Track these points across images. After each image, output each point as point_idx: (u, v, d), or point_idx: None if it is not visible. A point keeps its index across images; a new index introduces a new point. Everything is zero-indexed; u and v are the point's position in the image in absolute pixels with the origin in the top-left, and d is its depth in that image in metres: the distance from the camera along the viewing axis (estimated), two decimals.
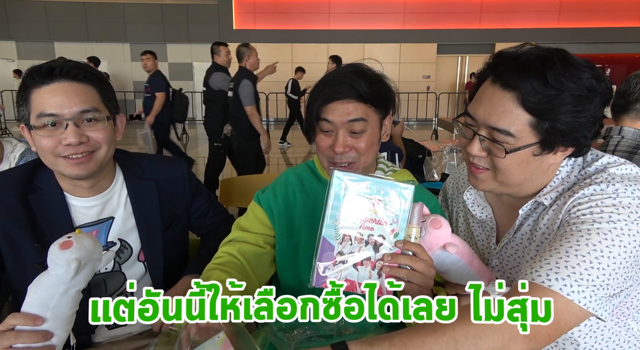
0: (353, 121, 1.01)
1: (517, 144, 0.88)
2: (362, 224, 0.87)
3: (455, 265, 0.92)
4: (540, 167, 0.93)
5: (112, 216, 1.23)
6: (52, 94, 1.05)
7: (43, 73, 1.05)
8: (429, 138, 9.32)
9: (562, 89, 0.83)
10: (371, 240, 0.88)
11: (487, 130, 0.91)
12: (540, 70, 0.84)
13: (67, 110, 1.06)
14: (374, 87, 1.03)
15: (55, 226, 1.14)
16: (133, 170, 1.28)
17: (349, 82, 1.01)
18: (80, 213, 1.19)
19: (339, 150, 1.02)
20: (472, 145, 0.94)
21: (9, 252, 1.15)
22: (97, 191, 1.20)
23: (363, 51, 14.06)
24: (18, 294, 1.22)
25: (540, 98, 0.84)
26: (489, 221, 1.07)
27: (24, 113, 1.08)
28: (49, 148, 1.07)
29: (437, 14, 13.85)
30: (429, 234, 0.89)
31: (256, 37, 13.97)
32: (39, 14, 13.66)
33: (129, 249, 1.24)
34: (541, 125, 0.86)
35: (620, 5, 13.38)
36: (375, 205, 0.87)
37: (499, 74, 0.89)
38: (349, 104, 1.01)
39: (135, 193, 1.25)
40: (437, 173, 3.12)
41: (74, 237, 0.91)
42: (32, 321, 0.86)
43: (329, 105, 1.02)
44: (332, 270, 0.88)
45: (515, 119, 0.86)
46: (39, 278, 0.90)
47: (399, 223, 0.87)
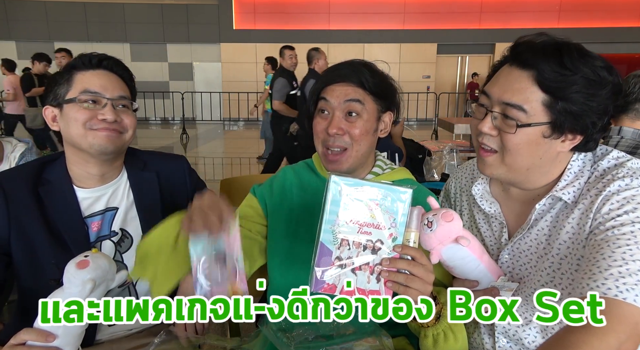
0: (349, 101, 1.03)
1: (528, 120, 0.89)
2: (360, 228, 0.87)
3: (465, 259, 0.91)
4: (548, 153, 0.93)
5: (117, 207, 1.27)
6: (97, 77, 1.20)
7: (93, 60, 1.21)
8: (429, 138, 9.33)
9: (576, 71, 0.86)
10: (369, 245, 0.87)
11: (500, 107, 0.92)
12: (557, 53, 0.88)
13: (109, 93, 1.19)
14: (376, 78, 1.06)
15: (64, 217, 1.19)
16: (135, 163, 1.34)
17: (352, 69, 1.05)
18: (88, 203, 1.24)
19: (332, 131, 1.03)
20: (483, 123, 0.95)
21: (20, 246, 1.16)
22: (105, 181, 1.26)
23: (363, 51, 14.06)
24: (26, 290, 1.23)
25: (555, 76, 0.87)
26: (498, 216, 1.06)
27: (61, 91, 1.18)
28: (84, 119, 1.16)
29: (437, 14, 13.85)
30: (440, 227, 0.88)
31: (256, 37, 13.97)
32: (39, 14, 13.66)
33: (130, 238, 1.27)
34: (554, 105, 0.88)
35: (620, 5, 13.38)
36: (372, 209, 0.87)
37: (516, 55, 0.92)
38: (348, 86, 1.04)
39: (136, 183, 1.31)
40: (437, 173, 3.12)
41: (90, 256, 0.94)
42: (44, 338, 0.89)
43: (330, 86, 1.05)
44: (331, 275, 0.88)
45: (530, 95, 0.89)
46: (53, 294, 0.92)
47: (397, 227, 0.87)
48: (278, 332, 1.00)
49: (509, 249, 1.04)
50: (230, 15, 13.95)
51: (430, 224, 0.89)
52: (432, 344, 0.96)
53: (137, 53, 14.38)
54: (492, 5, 13.74)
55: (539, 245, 0.99)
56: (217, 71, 13.79)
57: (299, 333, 0.97)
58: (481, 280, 0.94)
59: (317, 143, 1.10)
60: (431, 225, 0.89)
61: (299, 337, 0.96)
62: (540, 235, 0.99)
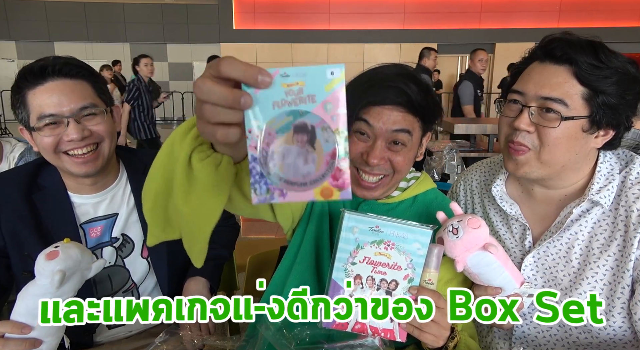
0: (397, 131, 0.89)
1: (570, 113, 0.89)
2: (374, 268, 0.83)
3: (491, 266, 0.88)
4: (584, 148, 0.93)
5: (117, 213, 1.24)
6: (48, 93, 1.05)
7: (36, 73, 1.05)
8: None
9: (611, 65, 0.87)
10: (384, 285, 0.84)
11: (538, 102, 0.91)
12: (592, 48, 0.89)
13: (67, 108, 1.06)
14: (426, 98, 0.91)
15: (59, 224, 1.16)
16: (136, 165, 1.29)
17: (401, 86, 0.88)
18: (85, 210, 1.20)
19: (373, 162, 0.90)
20: (520, 119, 0.91)
21: (15, 251, 1.15)
22: (101, 188, 1.22)
23: (363, 51, 14.06)
24: None
25: (593, 70, 0.87)
26: (519, 218, 1.03)
27: (23, 115, 1.08)
28: (51, 145, 1.08)
29: (437, 14, 13.84)
30: (467, 234, 0.84)
31: (256, 37, 13.96)
32: (39, 13, 13.65)
33: (131, 243, 1.25)
34: (594, 98, 0.88)
35: (620, 5, 13.37)
36: (388, 250, 0.83)
37: (548, 51, 0.91)
38: (397, 111, 0.89)
39: (138, 188, 1.26)
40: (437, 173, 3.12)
41: (61, 246, 0.91)
42: (20, 329, 0.88)
43: (375, 108, 0.89)
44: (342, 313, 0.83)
45: (569, 89, 0.89)
46: (26, 287, 0.91)
47: (414, 268, 0.83)
48: (277, 332, 1.00)
49: (536, 252, 1.00)
50: (230, 15, 13.94)
51: (456, 231, 0.84)
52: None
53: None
54: (492, 5, 13.74)
55: (570, 249, 0.96)
56: None
57: (298, 333, 0.97)
58: (504, 287, 0.90)
59: None
60: (457, 232, 0.84)
61: (299, 337, 0.96)
62: (573, 240, 0.96)
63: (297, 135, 0.50)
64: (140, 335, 1.28)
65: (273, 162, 0.51)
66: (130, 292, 1.27)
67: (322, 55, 13.92)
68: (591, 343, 0.95)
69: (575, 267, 0.96)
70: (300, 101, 0.49)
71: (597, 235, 0.94)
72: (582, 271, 0.94)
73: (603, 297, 0.92)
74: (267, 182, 0.51)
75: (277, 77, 0.49)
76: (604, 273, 0.92)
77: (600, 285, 0.92)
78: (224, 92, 0.47)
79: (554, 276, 0.98)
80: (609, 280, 0.92)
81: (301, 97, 0.49)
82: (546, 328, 1.00)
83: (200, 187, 0.61)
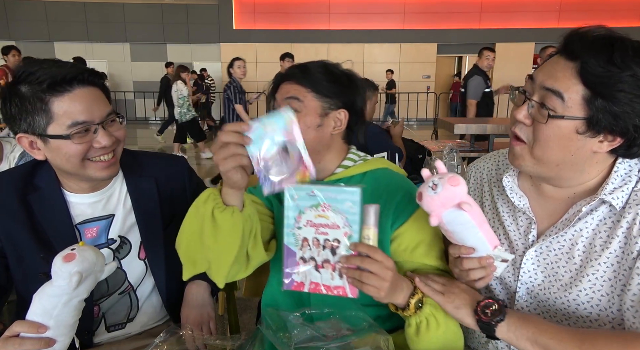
0: (288, 98, 1.07)
1: (564, 112, 0.87)
2: (317, 229, 0.94)
3: (465, 225, 0.90)
4: (582, 151, 0.89)
5: (113, 214, 1.23)
6: (78, 100, 1.06)
7: (67, 82, 1.04)
8: (429, 138, 9.31)
9: (625, 69, 0.82)
10: (327, 244, 0.94)
11: (540, 94, 0.90)
12: (609, 48, 0.83)
13: (97, 114, 1.08)
14: (324, 77, 1.09)
15: (54, 224, 1.16)
16: (133, 168, 1.28)
17: (299, 68, 1.10)
18: (81, 210, 1.20)
19: None
20: (519, 110, 0.93)
21: (12, 253, 1.15)
22: (97, 188, 1.21)
23: (363, 51, 14.07)
24: (21, 295, 1.23)
25: (600, 72, 0.83)
26: (527, 211, 1.03)
27: (40, 122, 1.05)
28: (81, 153, 1.08)
29: (437, 14, 13.85)
30: (445, 190, 0.87)
31: (256, 37, 13.97)
32: (39, 13, 13.66)
33: (128, 244, 1.25)
34: (594, 101, 0.84)
35: (620, 5, 13.38)
36: (325, 211, 0.93)
37: (566, 45, 0.89)
38: (290, 85, 1.08)
39: (134, 190, 1.26)
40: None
41: (77, 249, 0.94)
42: (36, 329, 0.91)
43: (280, 85, 1.11)
44: (298, 274, 0.97)
45: (571, 86, 0.86)
46: (43, 288, 0.94)
47: (351, 225, 0.92)
48: (278, 332, 1.00)
49: (539, 247, 1.00)
50: (230, 15, 13.95)
51: (435, 187, 0.88)
52: (415, 332, 0.98)
53: (137, 53, 14.38)
54: (492, 5, 13.75)
55: (573, 246, 0.96)
56: (217, 71, 13.75)
57: (299, 333, 0.97)
58: (478, 248, 0.93)
59: None
60: (436, 187, 0.88)
61: (299, 337, 0.96)
62: (577, 237, 0.95)
63: (278, 152, 0.88)
64: (140, 336, 1.28)
65: (268, 169, 0.88)
66: (126, 293, 1.27)
67: (322, 55, 13.90)
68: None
69: (577, 263, 0.95)
70: (273, 133, 0.87)
71: (601, 233, 0.93)
72: (584, 268, 0.94)
73: (603, 293, 0.91)
74: (269, 181, 0.89)
75: (257, 124, 0.86)
76: (605, 270, 0.91)
77: (601, 281, 0.92)
78: (238, 137, 0.85)
79: (555, 272, 0.98)
80: (609, 277, 0.91)
81: (274, 130, 0.87)
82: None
83: (223, 229, 0.92)
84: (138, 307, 1.29)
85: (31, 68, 1.04)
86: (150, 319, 1.32)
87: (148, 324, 1.31)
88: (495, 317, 0.90)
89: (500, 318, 0.90)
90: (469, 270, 0.95)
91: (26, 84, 1.04)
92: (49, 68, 1.04)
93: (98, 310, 1.23)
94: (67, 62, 1.11)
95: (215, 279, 1.00)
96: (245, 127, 0.85)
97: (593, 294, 0.92)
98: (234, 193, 0.92)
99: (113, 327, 1.26)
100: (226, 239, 0.94)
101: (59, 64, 1.08)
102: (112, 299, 1.24)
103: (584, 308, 0.93)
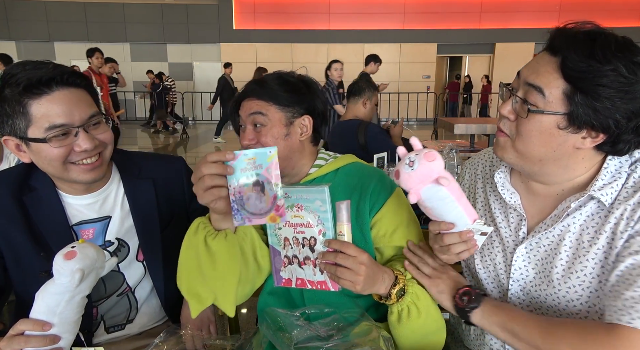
0: (252, 114, 1.08)
1: (545, 107, 0.87)
2: (295, 228, 1.01)
3: (444, 200, 0.91)
4: (564, 146, 0.89)
5: (109, 215, 1.23)
6: (57, 102, 1.03)
7: (43, 83, 1.02)
8: (429, 138, 9.32)
9: (606, 63, 0.81)
10: (306, 242, 1.00)
11: (523, 90, 0.91)
12: (590, 42, 0.83)
13: (77, 117, 1.05)
14: (281, 87, 1.10)
15: (50, 225, 1.15)
16: (130, 169, 1.27)
17: (257, 84, 1.12)
18: (77, 211, 1.19)
19: (244, 143, 1.10)
20: (504, 105, 0.95)
21: (9, 254, 1.15)
22: (92, 189, 1.20)
23: (363, 51, 14.03)
24: (20, 294, 1.23)
25: (581, 66, 0.82)
26: (517, 208, 1.03)
27: (20, 125, 1.03)
28: (61, 157, 1.06)
29: (437, 14, 13.85)
30: (422, 166, 0.87)
31: (256, 37, 13.97)
32: (39, 13, 13.66)
33: (126, 247, 1.24)
34: (574, 96, 0.84)
35: (620, 5, 13.38)
36: (299, 211, 1.00)
37: (550, 40, 0.89)
38: (252, 101, 1.10)
39: (132, 192, 1.25)
40: None
41: (77, 247, 0.94)
42: (40, 327, 0.92)
43: (242, 102, 1.12)
44: (285, 271, 1.05)
45: (552, 81, 0.86)
46: (45, 286, 0.94)
47: (323, 223, 0.98)
48: (277, 332, 1.00)
49: (529, 243, 1.01)
50: (230, 15, 13.95)
51: (412, 163, 0.88)
52: (397, 319, 1.01)
53: (137, 53, 14.38)
54: (492, 5, 13.74)
55: (561, 241, 0.96)
56: (217, 71, 13.74)
57: (298, 333, 0.97)
58: (457, 222, 0.94)
59: None
60: (412, 164, 0.88)
61: (299, 337, 0.96)
62: (565, 232, 0.96)
63: (255, 187, 0.89)
64: (140, 336, 1.28)
65: (242, 203, 0.89)
66: (124, 295, 1.26)
67: (322, 55, 13.92)
68: None
69: (564, 259, 0.95)
70: (254, 168, 0.88)
71: (588, 228, 0.93)
72: (572, 264, 0.94)
73: (592, 289, 0.91)
74: (241, 214, 0.89)
75: (242, 155, 0.87)
76: (593, 266, 0.91)
77: (589, 278, 0.91)
78: (219, 167, 0.88)
79: (544, 268, 0.98)
80: (597, 273, 0.91)
81: (255, 166, 0.88)
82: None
83: (220, 255, 0.95)
84: (137, 308, 1.29)
85: (14, 70, 1.02)
86: (150, 320, 1.32)
87: (147, 325, 1.31)
88: (470, 303, 0.96)
89: (474, 305, 0.96)
90: (450, 245, 0.96)
91: (8, 86, 1.02)
92: (30, 70, 1.02)
93: (96, 312, 1.23)
94: (50, 63, 1.07)
95: (224, 307, 1.01)
96: (230, 156, 0.87)
97: (582, 291, 0.92)
98: (223, 218, 0.95)
99: (112, 328, 1.26)
100: (226, 264, 0.97)
101: (40, 65, 1.04)
102: (110, 301, 1.24)
103: (574, 305, 0.93)
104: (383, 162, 2.47)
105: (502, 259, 1.04)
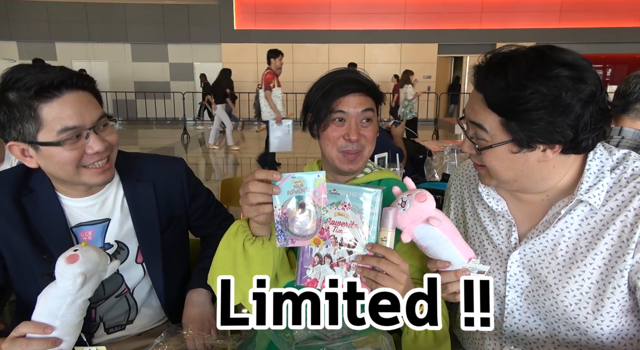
0: (365, 111, 1.10)
1: (491, 141, 0.90)
2: (335, 227, 0.95)
3: (437, 239, 0.92)
4: (529, 164, 0.91)
5: (109, 218, 1.22)
6: (68, 105, 1.03)
7: (55, 87, 1.01)
8: (429, 138, 9.31)
9: (522, 89, 0.82)
10: (345, 243, 0.95)
11: (472, 129, 0.94)
12: (502, 72, 0.85)
13: (88, 119, 1.05)
14: (373, 84, 1.15)
15: (49, 227, 1.15)
16: (130, 171, 1.27)
17: (357, 79, 1.12)
18: (76, 213, 1.19)
19: (353, 138, 1.09)
20: (463, 143, 0.99)
21: (8, 254, 1.15)
22: (92, 192, 1.19)
23: (363, 51, 14.06)
24: (19, 295, 1.23)
25: (502, 99, 0.85)
26: (505, 214, 1.04)
27: (29, 129, 1.02)
28: (75, 160, 1.05)
29: (437, 14, 13.85)
30: (413, 207, 0.90)
31: (257, 37, 13.97)
32: (40, 14, 13.68)
33: (126, 250, 1.24)
34: (509, 125, 0.86)
35: (620, 5, 13.37)
36: (345, 209, 0.95)
37: (473, 77, 0.92)
38: (360, 96, 1.10)
39: (131, 195, 1.24)
40: (437, 173, 3.12)
41: (80, 250, 0.94)
42: (42, 330, 0.91)
43: (344, 98, 1.10)
44: (312, 271, 0.97)
45: (487, 116, 0.89)
46: (47, 289, 0.94)
47: (369, 226, 0.93)
48: (278, 332, 1.00)
49: (522, 249, 1.01)
50: (231, 15, 13.95)
51: (404, 204, 0.91)
52: (413, 340, 0.99)
53: (138, 53, 14.39)
54: (493, 6, 13.74)
55: (556, 246, 0.96)
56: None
57: (299, 333, 0.97)
58: (452, 261, 0.94)
59: (331, 149, 1.12)
60: (404, 204, 0.91)
61: (299, 337, 0.96)
62: (559, 237, 0.96)
63: (300, 209, 0.87)
64: (141, 336, 1.28)
65: (287, 224, 0.87)
66: (123, 296, 1.26)
67: (322, 56, 13.93)
68: (580, 340, 0.95)
69: (560, 264, 0.95)
70: (301, 190, 0.86)
71: (585, 233, 0.93)
72: (569, 269, 0.94)
73: (591, 295, 0.91)
74: (284, 235, 0.88)
75: (289, 178, 0.86)
76: (592, 272, 0.91)
77: (588, 284, 0.92)
78: (265, 187, 0.86)
79: (539, 273, 0.98)
80: (596, 279, 0.91)
81: (302, 188, 0.86)
82: (534, 326, 1.01)
83: (255, 261, 0.96)
84: (137, 309, 1.29)
85: (18, 74, 1.01)
86: (150, 320, 1.32)
87: (148, 325, 1.31)
88: None
89: None
90: (447, 284, 0.94)
91: (14, 90, 1.00)
92: (37, 73, 1.01)
93: (95, 314, 1.23)
94: (54, 66, 1.07)
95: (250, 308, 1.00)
96: (277, 176, 0.86)
97: (581, 295, 0.92)
98: (261, 226, 0.95)
99: (112, 328, 1.26)
100: (259, 268, 0.97)
101: (47, 69, 1.04)
102: (109, 302, 1.24)
103: (572, 310, 0.93)
104: (384, 162, 2.47)
105: (496, 266, 1.05)
